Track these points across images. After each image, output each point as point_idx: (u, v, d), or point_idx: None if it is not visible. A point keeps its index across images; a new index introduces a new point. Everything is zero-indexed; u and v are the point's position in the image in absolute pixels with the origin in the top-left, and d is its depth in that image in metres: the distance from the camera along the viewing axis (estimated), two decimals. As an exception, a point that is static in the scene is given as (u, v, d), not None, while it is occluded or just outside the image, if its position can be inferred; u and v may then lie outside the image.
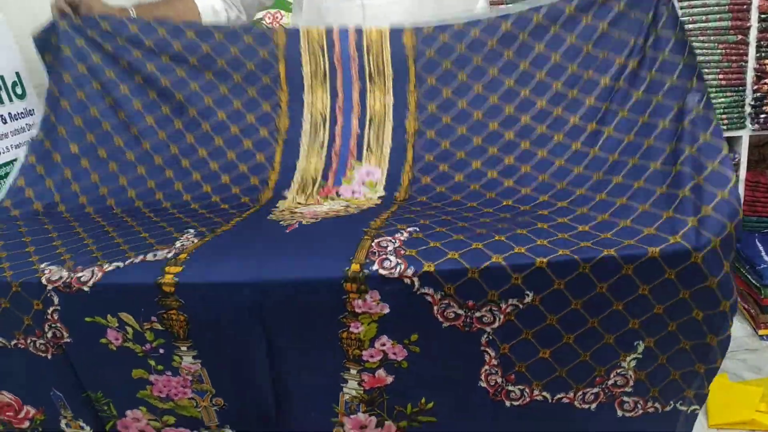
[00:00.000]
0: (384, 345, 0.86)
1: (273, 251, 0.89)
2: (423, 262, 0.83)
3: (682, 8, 2.42)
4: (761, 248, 2.44)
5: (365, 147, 1.16)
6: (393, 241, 0.88)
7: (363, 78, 1.16)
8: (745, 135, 2.53)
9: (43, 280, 0.89)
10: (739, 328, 2.37)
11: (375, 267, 0.82)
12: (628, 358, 0.88)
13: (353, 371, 0.89)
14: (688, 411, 0.93)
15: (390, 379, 0.89)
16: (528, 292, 0.83)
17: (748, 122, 2.51)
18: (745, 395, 1.94)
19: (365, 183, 1.12)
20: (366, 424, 0.92)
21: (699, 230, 0.81)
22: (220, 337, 0.89)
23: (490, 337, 0.86)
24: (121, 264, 0.89)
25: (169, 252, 0.91)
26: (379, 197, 1.09)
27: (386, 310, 0.84)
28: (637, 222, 0.88)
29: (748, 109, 2.50)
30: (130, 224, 1.06)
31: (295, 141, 1.17)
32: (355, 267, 0.83)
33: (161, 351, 0.90)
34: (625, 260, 0.81)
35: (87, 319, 0.89)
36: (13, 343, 0.95)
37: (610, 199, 0.94)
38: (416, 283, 0.82)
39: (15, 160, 1.39)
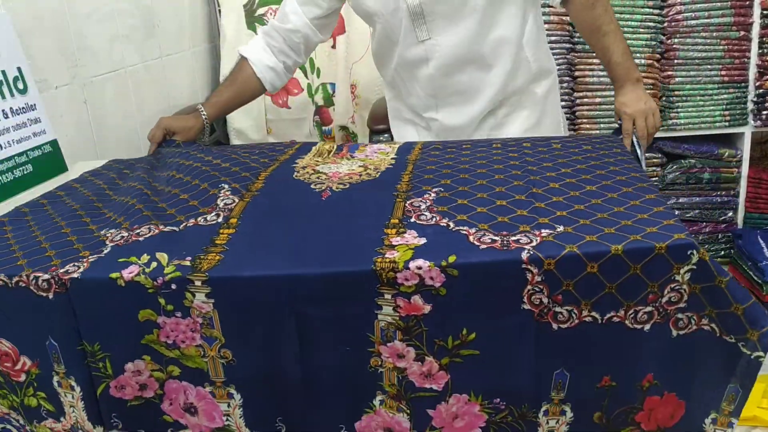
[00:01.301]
0: (420, 268, 0.85)
1: (316, 227, 0.97)
2: (456, 215, 0.95)
3: (684, 3, 2.42)
4: (763, 245, 2.44)
5: (377, 142, 1.34)
6: (424, 201, 0.99)
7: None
8: (747, 131, 2.53)
9: (107, 242, 0.97)
10: (741, 325, 2.37)
11: (413, 219, 0.94)
12: (681, 270, 0.84)
13: (387, 296, 0.86)
14: (752, 356, 0.87)
15: (428, 308, 0.86)
16: (558, 226, 0.90)
17: (750, 119, 2.51)
18: (747, 391, 1.94)
19: (378, 152, 1.24)
20: (404, 353, 0.90)
21: None
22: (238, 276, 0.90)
23: (531, 252, 0.84)
24: (176, 228, 0.98)
25: (217, 216, 1.00)
26: (392, 158, 1.20)
27: (423, 241, 0.89)
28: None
29: (750, 106, 2.50)
30: (167, 190, 1.14)
31: (311, 145, 1.34)
32: (394, 221, 0.94)
33: (173, 286, 0.89)
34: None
35: (120, 259, 0.92)
36: (14, 281, 0.93)
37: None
38: (452, 225, 0.92)
39: (17, 155, 1.40)
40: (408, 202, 0.99)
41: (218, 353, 0.92)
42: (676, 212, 2.56)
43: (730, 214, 2.61)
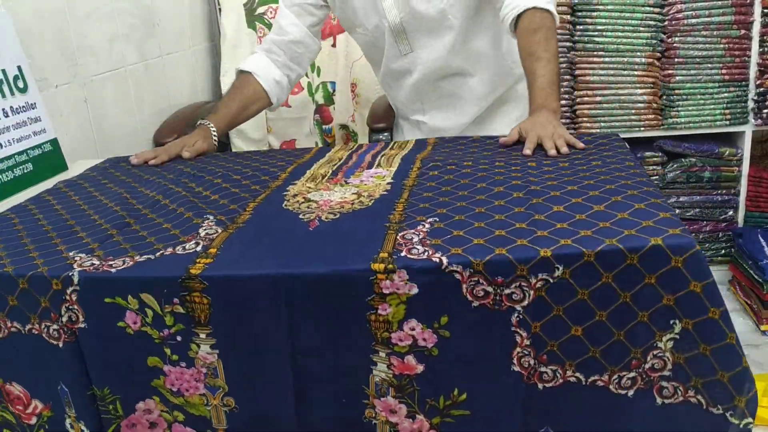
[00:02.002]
0: (413, 329, 0.85)
1: (300, 250, 0.93)
2: (450, 248, 0.87)
3: (685, 2, 2.42)
4: (764, 243, 2.44)
5: (375, 164, 1.27)
6: (417, 233, 0.93)
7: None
8: (748, 130, 2.52)
9: (75, 266, 0.93)
10: (741, 324, 2.37)
11: (403, 254, 0.87)
12: (664, 338, 0.85)
13: (382, 354, 0.87)
14: (741, 425, 0.86)
15: (420, 368, 0.88)
16: (558, 266, 0.84)
17: (750, 117, 2.51)
18: (747, 390, 1.93)
19: (374, 176, 1.20)
20: (396, 410, 0.91)
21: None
22: (241, 320, 0.89)
23: (521, 317, 0.84)
24: (152, 256, 0.94)
25: (197, 244, 0.96)
26: (388, 183, 1.15)
27: (414, 290, 0.85)
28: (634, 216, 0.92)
29: (750, 104, 2.50)
30: (149, 216, 1.11)
31: (306, 165, 1.32)
32: (383, 255, 0.87)
33: (179, 338, 0.90)
34: (651, 234, 0.85)
35: (107, 299, 0.90)
36: (27, 328, 0.94)
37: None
38: (444, 262, 0.85)
39: (17, 153, 1.40)
40: (400, 234, 0.93)
41: (221, 402, 0.94)
42: (683, 221, 2.56)
43: (731, 212, 2.61)
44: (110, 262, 0.93)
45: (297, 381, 0.91)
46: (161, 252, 0.95)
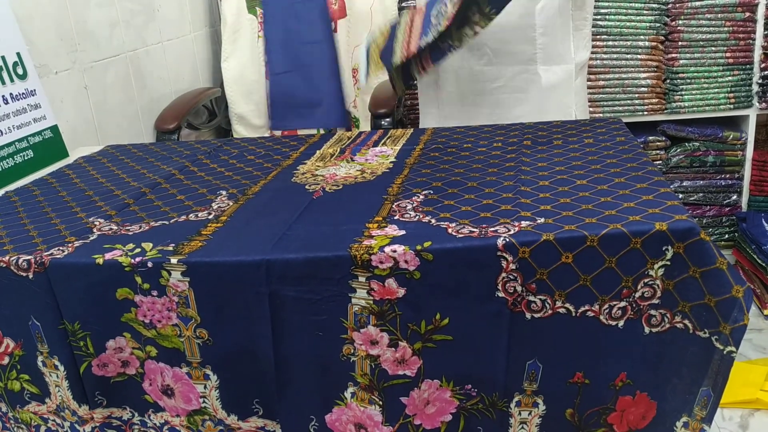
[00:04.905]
0: (395, 251, 0.85)
1: (300, 220, 0.99)
2: (439, 213, 0.95)
3: (689, -15, 2.39)
4: (767, 228, 2.43)
5: (381, 142, 1.35)
6: (411, 202, 1.01)
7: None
8: (752, 114, 2.51)
9: (95, 230, 1.01)
10: (744, 308, 2.37)
11: (396, 217, 0.95)
12: (655, 266, 0.86)
13: (361, 278, 0.87)
14: (724, 351, 0.86)
15: (402, 292, 0.87)
16: (540, 218, 0.89)
17: (755, 101, 2.49)
18: (750, 374, 1.94)
19: (378, 155, 1.28)
20: (377, 339, 0.91)
21: None
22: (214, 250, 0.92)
23: (507, 240, 0.85)
24: (167, 222, 1.02)
25: (209, 213, 1.04)
26: (391, 162, 1.23)
27: (402, 233, 0.90)
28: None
29: (755, 88, 2.48)
30: (164, 186, 1.19)
31: (316, 145, 1.39)
32: (378, 218, 0.95)
33: (150, 265, 0.90)
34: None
35: (106, 245, 0.94)
36: None
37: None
38: (433, 221, 0.92)
39: (17, 140, 1.39)
40: (396, 203, 1.01)
41: (194, 333, 0.93)
42: (679, 196, 2.56)
43: (735, 197, 2.60)
44: (127, 227, 1.01)
45: (273, 310, 0.90)
46: (175, 219, 1.03)
